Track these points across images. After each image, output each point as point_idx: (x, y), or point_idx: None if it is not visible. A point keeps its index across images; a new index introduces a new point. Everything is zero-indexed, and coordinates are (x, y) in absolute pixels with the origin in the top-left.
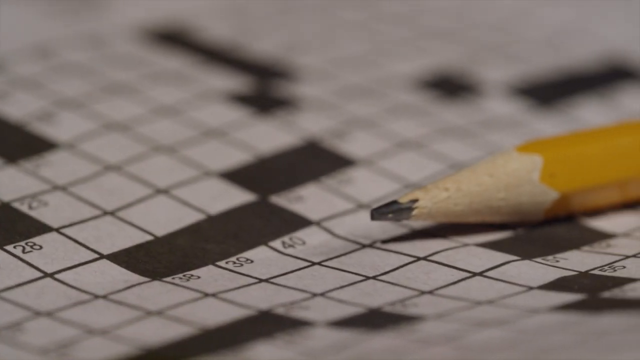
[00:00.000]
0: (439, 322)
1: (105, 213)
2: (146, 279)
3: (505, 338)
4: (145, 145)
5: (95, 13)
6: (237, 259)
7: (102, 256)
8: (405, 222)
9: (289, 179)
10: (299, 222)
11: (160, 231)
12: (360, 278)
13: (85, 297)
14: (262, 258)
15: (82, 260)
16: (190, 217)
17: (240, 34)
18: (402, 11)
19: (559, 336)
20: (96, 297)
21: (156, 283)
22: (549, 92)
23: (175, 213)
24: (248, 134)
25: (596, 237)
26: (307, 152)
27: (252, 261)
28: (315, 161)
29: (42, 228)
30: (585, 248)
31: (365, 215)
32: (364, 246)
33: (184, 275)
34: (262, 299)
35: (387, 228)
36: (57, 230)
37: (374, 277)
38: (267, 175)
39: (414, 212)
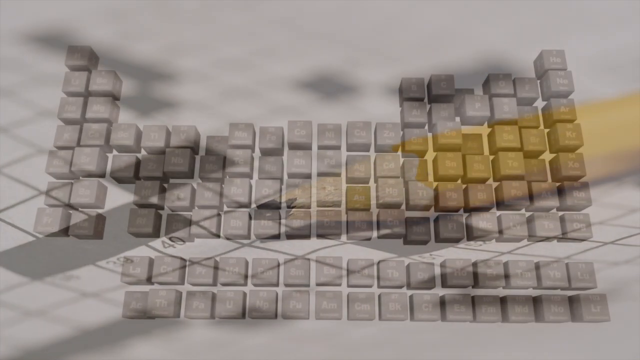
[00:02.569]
0: None
1: None
2: (27, 280)
3: None
4: (29, 147)
5: None
6: (118, 259)
7: None
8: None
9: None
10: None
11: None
12: None
13: None
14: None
15: None
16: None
17: (122, 38)
18: (282, 14)
19: None
20: None
21: (37, 283)
22: (427, 91)
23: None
24: None
25: None
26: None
27: (132, 261)
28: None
29: None
30: None
31: None
32: None
33: (65, 275)
34: (143, 297)
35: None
36: None
37: None
38: None
39: (292, 211)
